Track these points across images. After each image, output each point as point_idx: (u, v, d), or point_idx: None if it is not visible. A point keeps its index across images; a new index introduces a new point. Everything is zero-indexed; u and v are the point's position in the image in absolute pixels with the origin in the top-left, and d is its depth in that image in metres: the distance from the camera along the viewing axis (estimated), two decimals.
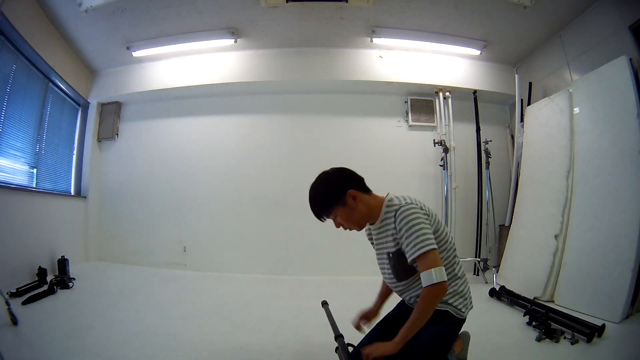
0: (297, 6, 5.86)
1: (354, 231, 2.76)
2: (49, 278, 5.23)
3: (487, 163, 6.65)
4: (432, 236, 2.33)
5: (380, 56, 7.02)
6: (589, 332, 3.31)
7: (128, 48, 6.81)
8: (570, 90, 5.41)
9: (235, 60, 7.11)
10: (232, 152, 7.31)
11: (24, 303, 4.19)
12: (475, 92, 7.07)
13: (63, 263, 5.74)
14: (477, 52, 6.95)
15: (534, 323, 3.73)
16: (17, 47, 5.53)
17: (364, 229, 2.85)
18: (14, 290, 4.44)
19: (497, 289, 4.97)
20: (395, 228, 2.45)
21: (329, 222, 2.66)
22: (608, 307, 3.98)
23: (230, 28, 6.40)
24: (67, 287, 5.04)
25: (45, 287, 4.78)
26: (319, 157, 7.17)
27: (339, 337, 2.50)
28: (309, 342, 3.46)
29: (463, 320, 2.52)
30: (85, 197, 7.32)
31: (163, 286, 5.62)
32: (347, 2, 5.67)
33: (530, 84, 6.70)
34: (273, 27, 6.40)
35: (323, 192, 2.72)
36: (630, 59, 4.44)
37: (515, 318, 4.09)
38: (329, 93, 7.35)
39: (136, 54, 6.93)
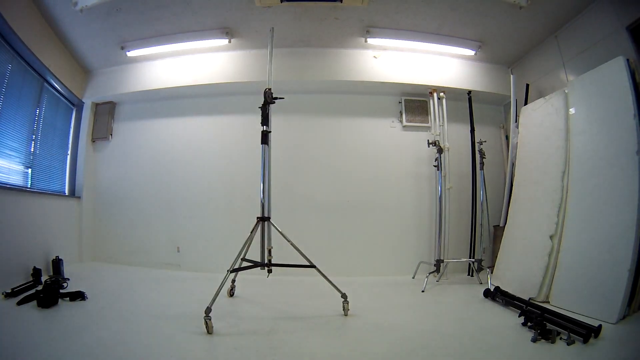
0: (292, 6, 5.85)
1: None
2: (44, 278, 5.21)
3: (482, 163, 6.64)
4: None
5: (375, 56, 7.01)
6: (585, 332, 3.31)
7: (122, 48, 6.80)
8: (566, 91, 5.41)
9: (229, 60, 7.10)
10: (226, 152, 7.30)
11: (19, 303, 4.17)
12: (469, 92, 7.06)
13: (57, 263, 5.72)
14: (472, 53, 6.96)
15: (529, 324, 3.71)
16: (13, 46, 5.51)
17: None
18: (9, 291, 4.43)
19: (492, 290, 4.98)
20: None
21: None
22: (604, 307, 3.98)
23: (225, 28, 6.39)
24: (61, 287, 5.02)
25: (40, 288, 4.76)
26: (312, 157, 7.18)
27: None
28: (304, 343, 3.45)
29: None
30: (79, 197, 7.30)
31: (157, 286, 5.61)
32: (341, 2, 5.66)
33: (527, 85, 6.70)
34: (267, 27, 6.38)
35: None
36: (628, 60, 4.44)
37: (510, 319, 4.08)
38: (323, 93, 7.35)
39: (130, 53, 6.91)
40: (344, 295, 4.29)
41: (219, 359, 3.08)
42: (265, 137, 4.94)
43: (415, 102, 7.37)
